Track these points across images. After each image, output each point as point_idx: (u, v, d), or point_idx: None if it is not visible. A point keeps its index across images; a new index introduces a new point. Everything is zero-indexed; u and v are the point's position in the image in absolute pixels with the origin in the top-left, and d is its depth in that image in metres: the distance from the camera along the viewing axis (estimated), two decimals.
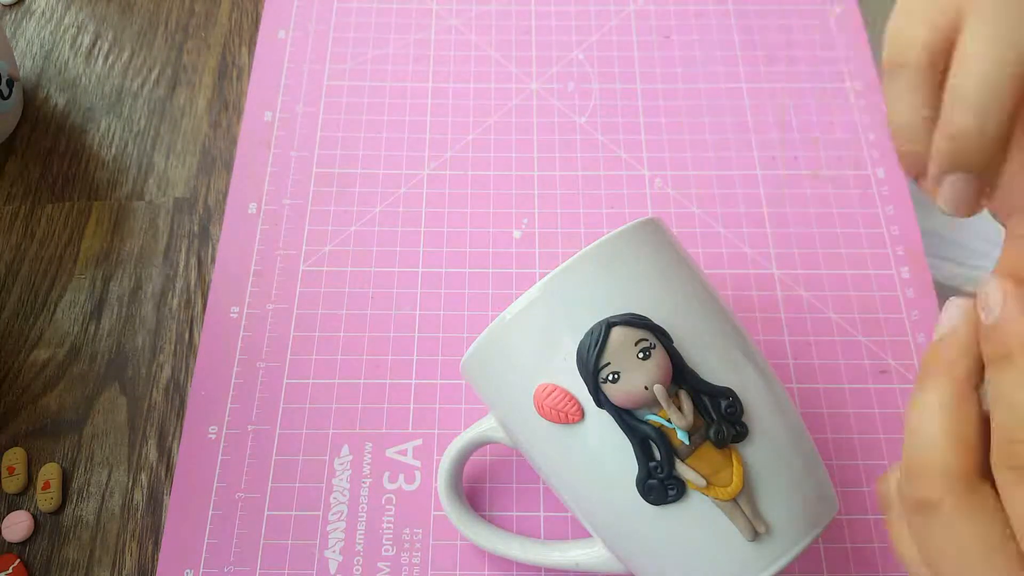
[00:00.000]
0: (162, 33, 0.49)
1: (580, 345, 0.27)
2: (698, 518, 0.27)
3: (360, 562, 0.34)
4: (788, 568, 0.34)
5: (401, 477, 0.36)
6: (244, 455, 0.36)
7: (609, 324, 0.27)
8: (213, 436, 0.37)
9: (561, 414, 0.27)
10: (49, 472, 0.36)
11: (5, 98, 0.43)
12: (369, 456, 0.36)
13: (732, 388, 0.27)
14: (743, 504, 0.27)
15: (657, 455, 0.26)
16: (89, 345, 0.39)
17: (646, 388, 0.26)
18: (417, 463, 0.36)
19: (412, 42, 0.47)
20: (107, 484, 0.36)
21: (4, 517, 0.36)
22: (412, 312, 0.39)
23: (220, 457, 0.36)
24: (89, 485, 0.36)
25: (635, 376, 0.26)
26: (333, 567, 0.34)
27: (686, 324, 0.28)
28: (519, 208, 0.42)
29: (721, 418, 0.27)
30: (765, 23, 0.48)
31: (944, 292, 0.50)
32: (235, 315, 0.40)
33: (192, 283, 0.41)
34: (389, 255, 0.41)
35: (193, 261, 0.41)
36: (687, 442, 0.26)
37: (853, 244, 0.41)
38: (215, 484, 0.36)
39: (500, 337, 0.29)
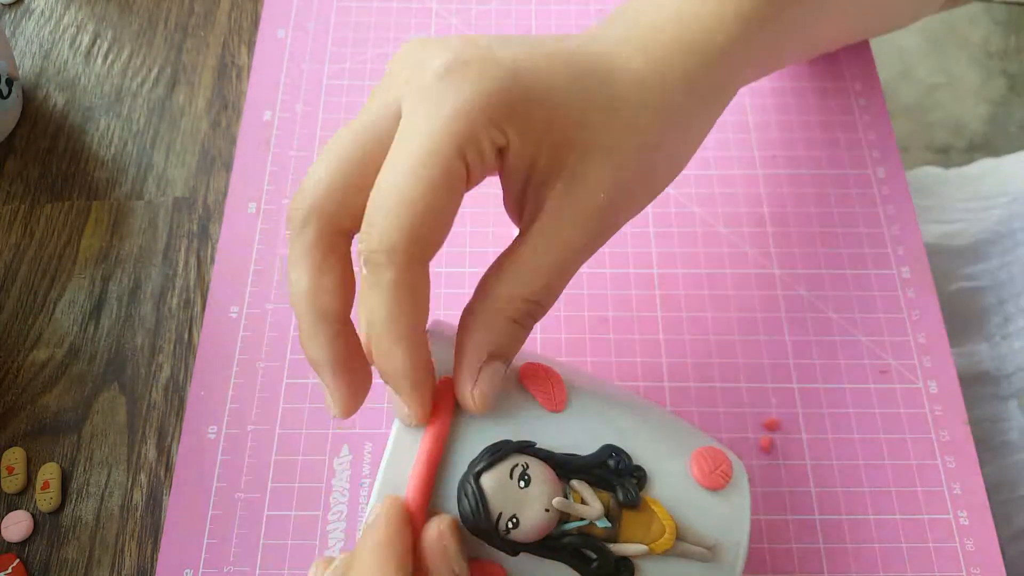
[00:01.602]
0: (161, 32, 0.49)
1: (461, 513, 0.24)
2: None
3: None
4: (788, 568, 0.34)
5: None
6: (244, 455, 0.36)
7: (475, 475, 0.24)
8: (213, 436, 0.37)
9: None
10: (48, 472, 0.36)
11: (4, 97, 0.43)
12: (369, 456, 0.36)
13: (608, 443, 0.26)
14: (686, 536, 0.26)
15: (592, 555, 0.25)
16: (88, 345, 0.39)
17: (547, 511, 0.24)
18: None
19: None
20: (106, 484, 0.36)
21: (3, 517, 0.36)
22: None
23: (220, 457, 0.36)
24: (88, 485, 0.36)
25: (531, 507, 0.24)
26: None
27: (530, 416, 0.26)
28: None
29: (619, 478, 0.25)
30: None
31: (931, 250, 0.50)
32: (235, 315, 0.39)
33: (191, 283, 0.41)
34: None
35: (192, 261, 0.41)
36: (610, 524, 0.25)
37: (853, 244, 0.41)
38: (215, 484, 0.36)
39: None
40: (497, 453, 0.25)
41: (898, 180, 0.43)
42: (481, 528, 0.24)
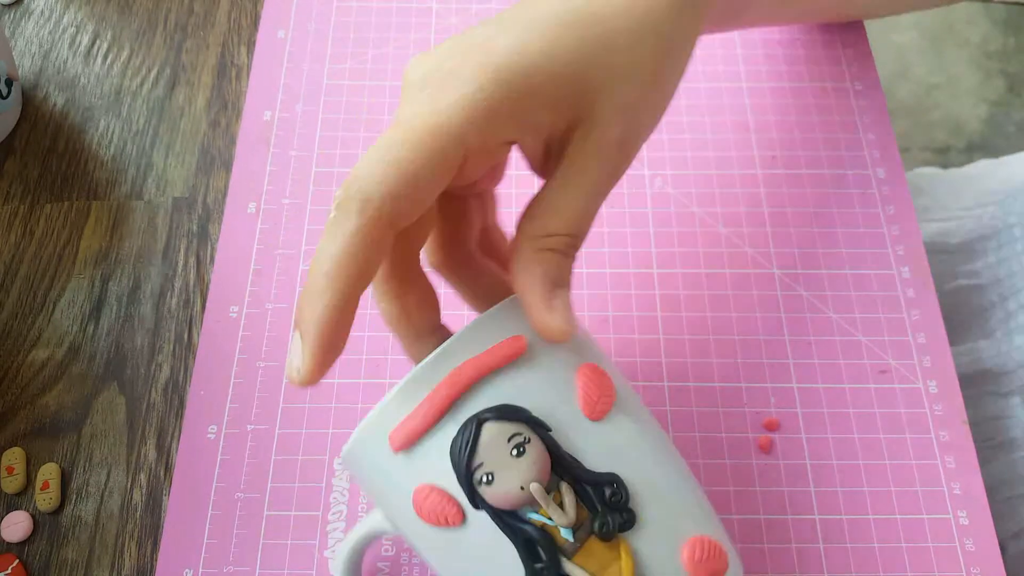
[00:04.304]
0: (161, 32, 0.49)
1: (452, 444, 0.25)
2: None
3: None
4: (788, 568, 0.34)
5: None
6: (243, 455, 0.36)
7: (480, 420, 0.25)
8: (212, 436, 0.37)
9: (441, 517, 0.25)
10: (48, 472, 0.36)
11: (4, 98, 0.43)
12: None
13: (616, 473, 0.25)
14: None
15: (542, 556, 0.25)
16: (88, 345, 0.39)
17: (522, 488, 0.24)
18: None
19: (412, 41, 0.47)
20: (106, 484, 0.36)
21: (3, 517, 0.35)
22: None
23: (219, 457, 0.36)
24: (88, 485, 0.36)
25: (510, 476, 0.24)
26: (333, 567, 0.34)
27: (563, 407, 0.26)
28: (518, 207, 0.42)
29: (606, 508, 0.25)
30: None
31: (928, 248, 0.51)
32: (234, 315, 0.39)
33: (191, 283, 0.41)
34: None
35: (192, 261, 0.41)
36: (571, 539, 0.25)
37: (853, 244, 0.41)
38: (214, 484, 0.36)
39: (376, 434, 0.26)
40: (509, 413, 0.25)
41: (898, 180, 0.43)
42: (459, 465, 0.25)
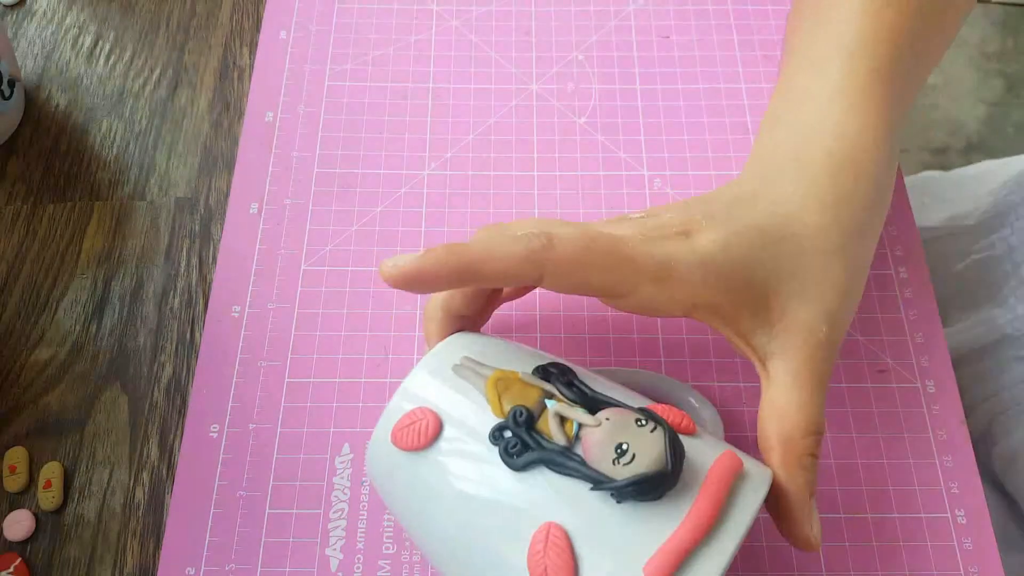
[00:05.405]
0: (163, 33, 0.49)
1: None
2: None
3: (361, 560, 0.34)
4: (786, 567, 0.34)
5: None
6: (245, 454, 0.36)
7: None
8: (214, 435, 0.37)
9: None
10: (50, 471, 0.36)
11: (7, 98, 0.44)
12: None
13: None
14: None
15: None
16: (91, 344, 0.39)
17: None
18: None
19: (413, 43, 0.48)
20: (108, 483, 0.37)
21: (5, 516, 0.36)
22: (413, 311, 0.40)
23: (221, 456, 0.36)
24: (91, 484, 0.36)
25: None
26: (334, 565, 0.34)
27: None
28: (519, 208, 0.42)
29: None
30: (764, 23, 0.48)
31: (939, 233, 0.52)
32: (236, 314, 0.40)
33: (193, 282, 0.41)
34: (390, 255, 0.41)
35: (194, 261, 0.42)
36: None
37: None
38: (216, 482, 0.36)
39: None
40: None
41: (897, 181, 0.43)
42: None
